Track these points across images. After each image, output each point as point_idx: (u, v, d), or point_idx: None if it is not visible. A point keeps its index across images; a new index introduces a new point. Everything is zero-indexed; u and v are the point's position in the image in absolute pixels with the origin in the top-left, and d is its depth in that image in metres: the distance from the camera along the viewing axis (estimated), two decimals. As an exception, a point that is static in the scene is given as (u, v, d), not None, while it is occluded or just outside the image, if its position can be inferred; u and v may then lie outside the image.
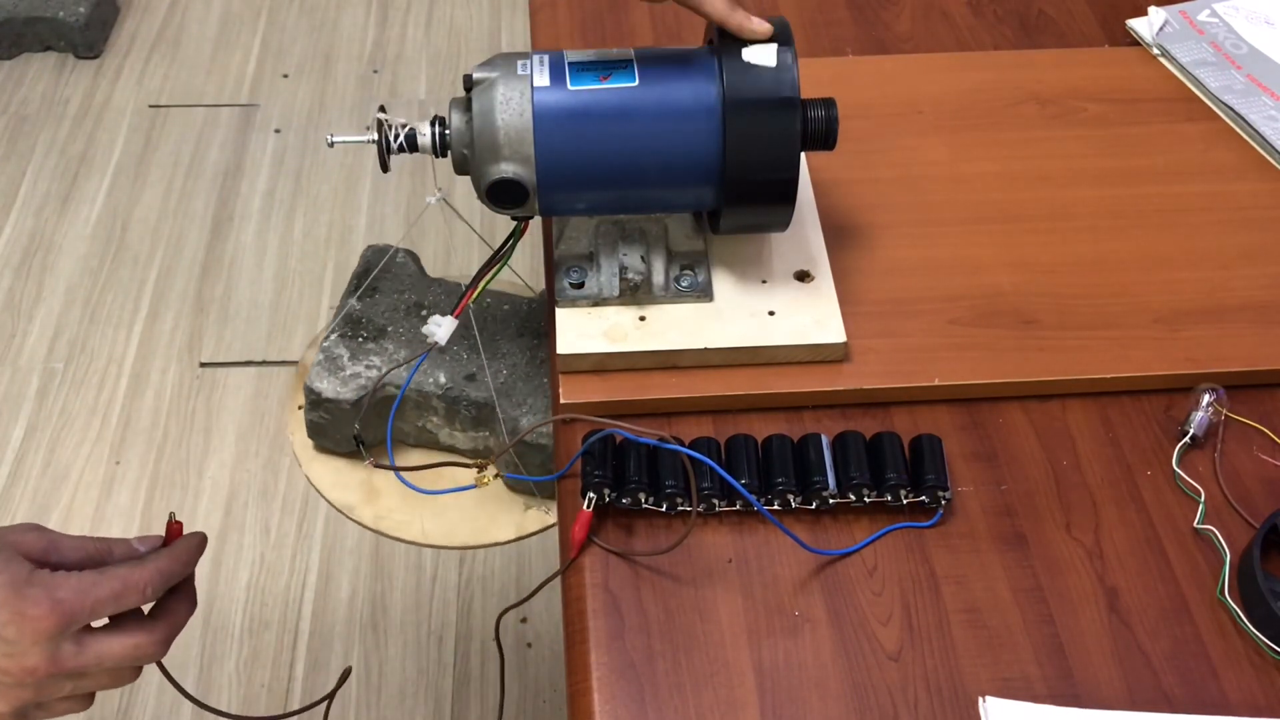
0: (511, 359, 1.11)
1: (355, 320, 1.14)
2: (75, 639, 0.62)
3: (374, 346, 1.11)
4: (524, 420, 1.10)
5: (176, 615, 0.68)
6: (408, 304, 1.11)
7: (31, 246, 2.00)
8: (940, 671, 0.64)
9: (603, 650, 0.65)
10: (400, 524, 1.09)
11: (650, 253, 0.77)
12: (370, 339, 1.12)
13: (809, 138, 0.72)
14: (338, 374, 1.05)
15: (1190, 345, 0.77)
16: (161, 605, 0.68)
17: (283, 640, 1.54)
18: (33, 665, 0.61)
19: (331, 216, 2.06)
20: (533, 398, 1.09)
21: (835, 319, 0.76)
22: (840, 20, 1.04)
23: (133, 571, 0.64)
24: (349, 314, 1.14)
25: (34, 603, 0.60)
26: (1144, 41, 1.00)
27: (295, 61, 2.34)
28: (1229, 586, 0.67)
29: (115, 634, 0.64)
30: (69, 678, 0.63)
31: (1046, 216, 0.85)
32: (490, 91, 0.69)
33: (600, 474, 0.68)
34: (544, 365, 1.09)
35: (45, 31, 2.30)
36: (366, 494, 1.13)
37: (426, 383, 1.04)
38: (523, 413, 1.08)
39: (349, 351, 1.10)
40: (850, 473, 0.69)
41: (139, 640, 0.65)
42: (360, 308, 1.13)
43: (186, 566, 0.68)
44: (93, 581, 0.62)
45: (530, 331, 1.18)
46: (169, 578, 0.67)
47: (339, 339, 1.10)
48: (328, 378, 1.06)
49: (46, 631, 0.60)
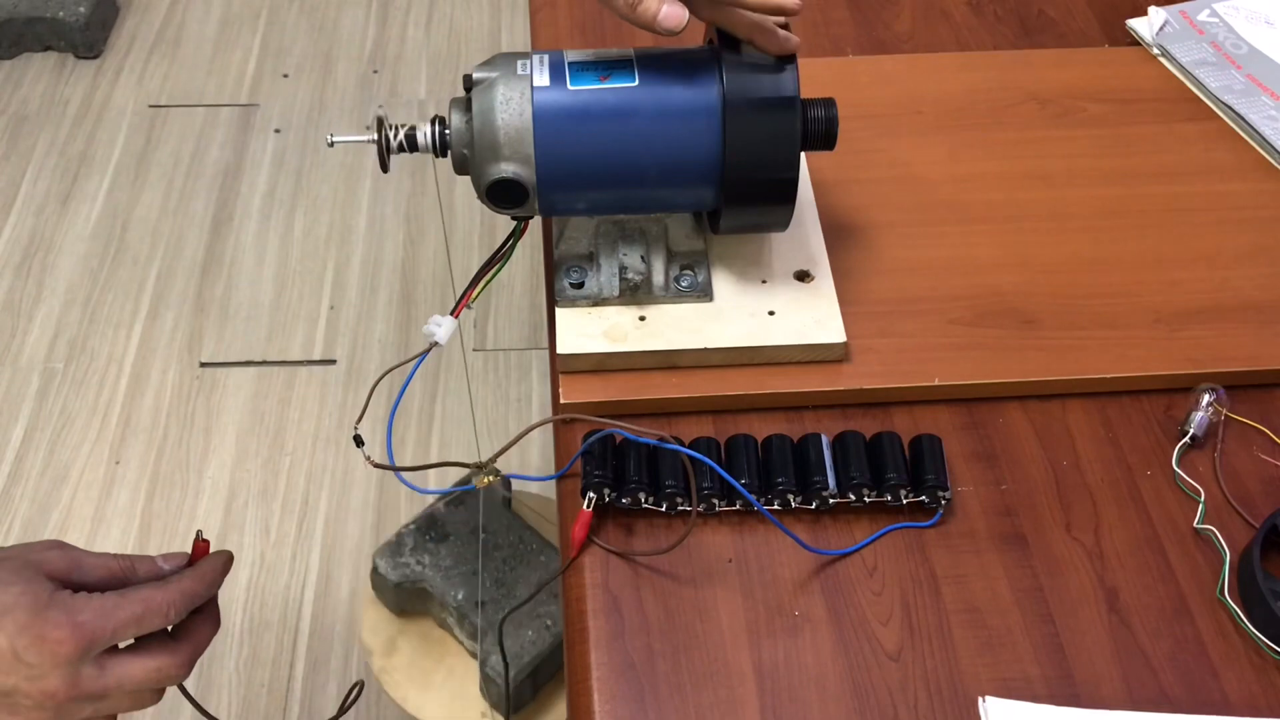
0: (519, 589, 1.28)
1: (437, 520, 1.30)
2: (97, 662, 0.61)
3: (432, 548, 1.27)
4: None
5: (200, 636, 0.67)
6: (472, 526, 1.30)
7: (31, 246, 2.00)
8: (940, 671, 0.64)
9: (603, 650, 0.65)
10: (395, 683, 1.22)
11: (650, 252, 0.77)
12: (434, 540, 1.28)
13: (809, 138, 0.72)
14: (394, 558, 1.26)
15: (1190, 345, 0.77)
16: (184, 625, 0.67)
17: (283, 640, 1.54)
18: (53, 689, 0.60)
19: (331, 216, 2.06)
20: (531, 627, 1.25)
21: (835, 319, 0.76)
22: (840, 20, 1.04)
23: (156, 593, 0.63)
24: (434, 513, 1.30)
25: (55, 625, 0.59)
26: (1144, 41, 1.00)
27: (295, 61, 2.34)
28: (1229, 586, 0.67)
29: (137, 656, 0.63)
30: (90, 701, 0.62)
31: (1046, 216, 0.85)
32: (490, 91, 0.69)
33: (600, 474, 0.68)
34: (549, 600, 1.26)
35: (45, 31, 2.30)
36: (387, 649, 1.29)
37: (448, 595, 1.26)
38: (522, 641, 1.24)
39: (413, 542, 1.28)
40: (850, 473, 0.69)
41: (161, 662, 0.64)
42: (445, 511, 1.30)
43: (211, 587, 0.67)
44: (115, 604, 0.61)
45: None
46: (193, 599, 0.66)
47: (415, 530, 1.29)
48: (387, 556, 1.27)
49: (67, 655, 0.59)
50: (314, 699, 1.49)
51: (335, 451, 1.74)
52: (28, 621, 0.59)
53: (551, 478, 0.72)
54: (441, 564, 1.25)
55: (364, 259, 1.99)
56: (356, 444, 0.68)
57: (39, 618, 0.59)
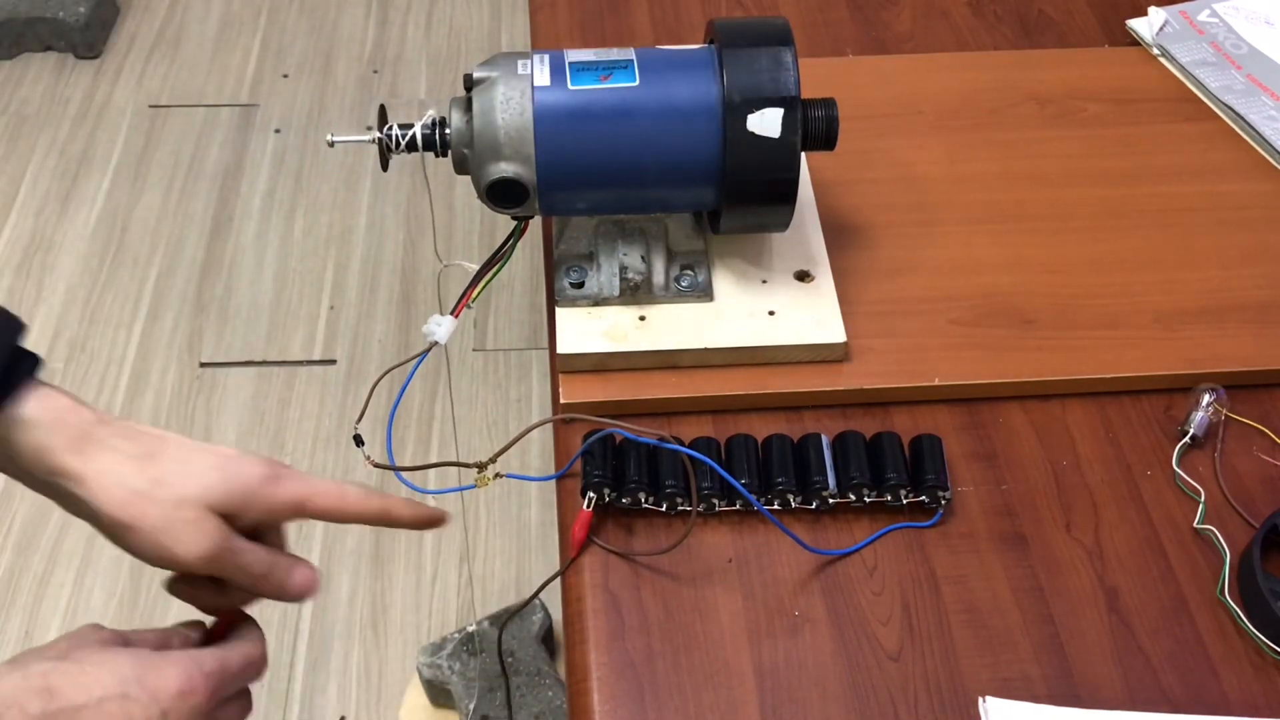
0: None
1: (475, 638, 1.43)
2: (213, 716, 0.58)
3: (464, 659, 1.41)
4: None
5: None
6: (505, 650, 1.42)
7: (31, 246, 2.00)
8: (940, 671, 0.64)
9: (603, 650, 0.65)
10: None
11: (650, 252, 0.77)
12: (469, 653, 1.42)
13: (809, 138, 0.72)
14: (432, 656, 1.41)
15: (1190, 345, 0.77)
16: None
17: (283, 640, 1.54)
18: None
19: (331, 216, 2.06)
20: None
21: (835, 319, 0.76)
22: (840, 20, 1.04)
23: (233, 650, 0.60)
24: (479, 631, 1.43)
25: (173, 678, 0.55)
26: (1144, 41, 1.00)
27: (295, 61, 2.34)
28: (1229, 586, 0.67)
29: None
30: None
31: (1046, 216, 0.85)
32: (490, 91, 0.69)
33: (600, 474, 0.68)
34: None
35: (45, 31, 2.30)
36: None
37: (464, 702, 1.39)
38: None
39: (451, 649, 1.41)
40: (850, 473, 0.69)
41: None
42: (487, 630, 1.44)
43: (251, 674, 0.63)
44: (214, 656, 0.58)
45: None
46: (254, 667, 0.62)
47: (459, 639, 1.43)
48: (428, 654, 1.42)
49: (201, 707, 0.56)
50: (314, 699, 1.49)
51: (335, 451, 1.74)
52: (138, 674, 0.54)
53: (551, 477, 0.72)
54: (468, 674, 1.40)
55: (364, 259, 1.99)
56: (356, 444, 0.68)
57: (152, 670, 0.55)
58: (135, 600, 1.57)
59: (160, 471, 0.58)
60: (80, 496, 0.58)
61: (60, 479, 0.58)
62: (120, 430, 0.59)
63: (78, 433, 0.58)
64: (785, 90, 0.69)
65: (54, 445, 0.57)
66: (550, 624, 1.45)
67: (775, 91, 0.69)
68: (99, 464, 0.57)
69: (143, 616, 1.55)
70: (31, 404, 0.57)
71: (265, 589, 0.62)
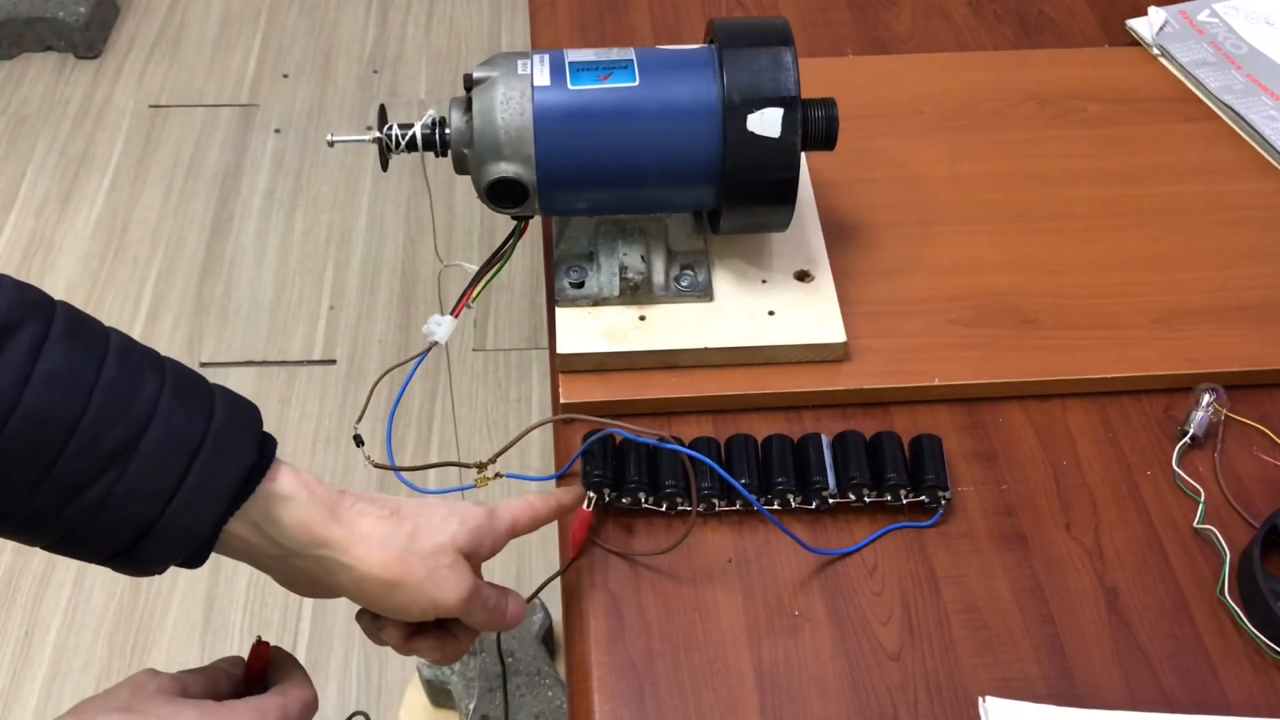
0: None
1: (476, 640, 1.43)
2: None
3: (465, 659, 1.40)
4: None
5: None
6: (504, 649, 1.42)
7: (31, 246, 2.00)
8: (940, 671, 0.64)
9: (603, 650, 0.65)
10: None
11: (650, 252, 0.77)
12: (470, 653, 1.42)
13: (809, 138, 0.72)
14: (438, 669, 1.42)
15: (1190, 345, 0.77)
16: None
17: (283, 640, 1.53)
18: None
19: (331, 216, 2.06)
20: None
21: (835, 319, 0.76)
22: (840, 20, 1.04)
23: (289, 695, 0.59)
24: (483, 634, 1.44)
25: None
26: (1144, 41, 1.00)
27: (295, 61, 2.34)
28: (1229, 586, 0.67)
29: None
30: None
31: (1046, 216, 0.85)
32: (490, 91, 0.69)
33: (600, 474, 0.68)
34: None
35: (45, 31, 2.30)
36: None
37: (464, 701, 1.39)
38: None
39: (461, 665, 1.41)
40: (850, 472, 0.69)
41: None
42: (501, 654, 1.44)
43: None
44: (281, 703, 0.58)
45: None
46: None
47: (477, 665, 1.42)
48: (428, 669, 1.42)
49: None
50: (314, 699, 1.49)
51: (335, 451, 1.74)
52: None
53: (551, 477, 0.72)
54: (468, 674, 1.39)
55: (364, 259, 1.99)
56: (356, 444, 0.68)
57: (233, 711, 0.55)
58: (135, 600, 1.57)
59: (412, 526, 0.60)
60: (344, 564, 0.59)
61: (324, 550, 0.59)
62: (358, 496, 0.61)
63: (330, 504, 0.59)
64: (785, 90, 0.69)
65: (315, 518, 0.59)
66: (550, 624, 1.45)
67: (775, 91, 0.69)
68: (360, 529, 0.59)
69: (142, 617, 1.55)
70: (286, 481, 0.59)
71: (492, 622, 0.64)
